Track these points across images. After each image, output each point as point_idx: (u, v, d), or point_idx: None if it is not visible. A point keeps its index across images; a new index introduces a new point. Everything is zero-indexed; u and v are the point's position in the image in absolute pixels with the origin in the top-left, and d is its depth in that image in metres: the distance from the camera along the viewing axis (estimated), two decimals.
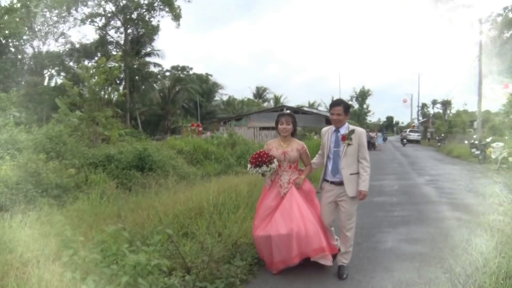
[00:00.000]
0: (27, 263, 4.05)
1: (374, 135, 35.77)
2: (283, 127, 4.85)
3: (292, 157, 4.79)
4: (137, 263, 2.90)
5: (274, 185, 4.87)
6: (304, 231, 4.37)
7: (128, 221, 5.51)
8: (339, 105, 4.62)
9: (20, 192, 7.65)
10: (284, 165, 4.83)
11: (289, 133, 4.89)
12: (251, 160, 4.78)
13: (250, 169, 4.80)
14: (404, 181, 12.94)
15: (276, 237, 4.42)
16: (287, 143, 4.88)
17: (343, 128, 4.60)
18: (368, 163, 4.53)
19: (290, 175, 4.83)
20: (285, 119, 4.88)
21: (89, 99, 14.82)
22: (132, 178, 10.06)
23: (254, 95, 71.49)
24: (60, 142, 10.40)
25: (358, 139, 4.52)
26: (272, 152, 4.83)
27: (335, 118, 4.59)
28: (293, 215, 4.46)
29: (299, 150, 4.84)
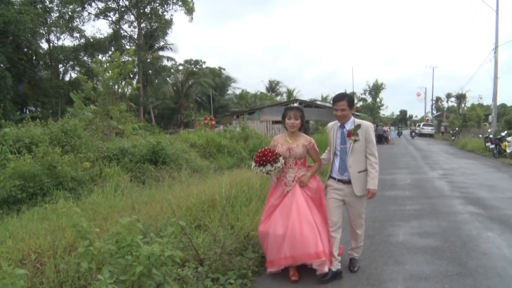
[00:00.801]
0: (43, 254, 4.16)
1: (387, 129, 35.53)
2: (291, 122, 4.51)
3: (297, 153, 4.48)
4: (151, 253, 2.95)
5: (280, 183, 4.61)
6: (299, 233, 4.09)
7: (142, 214, 5.58)
8: (343, 99, 4.27)
9: (37, 185, 7.83)
10: (289, 161, 4.53)
11: (296, 129, 4.56)
12: (256, 159, 4.50)
13: (254, 168, 4.52)
14: (417, 175, 12.85)
15: (272, 235, 4.26)
16: (294, 138, 4.57)
17: (349, 123, 4.29)
18: (376, 159, 4.23)
19: (296, 172, 4.52)
20: (293, 114, 4.53)
21: (103, 93, 14.92)
22: (146, 171, 10.17)
23: (267, 89, 71.40)
24: (75, 136, 10.56)
25: (365, 134, 4.22)
26: (278, 149, 4.55)
27: (339, 114, 4.28)
28: (291, 214, 4.23)
29: (306, 146, 4.51)
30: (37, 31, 31.12)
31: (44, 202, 7.11)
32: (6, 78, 25.95)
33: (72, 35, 37.14)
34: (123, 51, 23.27)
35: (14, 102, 29.19)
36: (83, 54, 39.07)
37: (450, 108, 70.93)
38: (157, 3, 38.25)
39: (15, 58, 29.43)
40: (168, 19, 39.44)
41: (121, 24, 39.75)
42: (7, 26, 25.14)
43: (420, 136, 48.48)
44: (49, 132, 10.41)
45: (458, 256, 4.94)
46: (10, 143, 9.47)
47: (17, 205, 7.32)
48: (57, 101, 35.43)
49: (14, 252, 4.17)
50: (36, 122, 11.66)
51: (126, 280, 2.94)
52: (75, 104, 17.46)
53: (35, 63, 35.77)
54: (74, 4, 34.49)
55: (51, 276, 3.58)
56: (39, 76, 34.86)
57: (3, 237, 4.63)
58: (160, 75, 42.83)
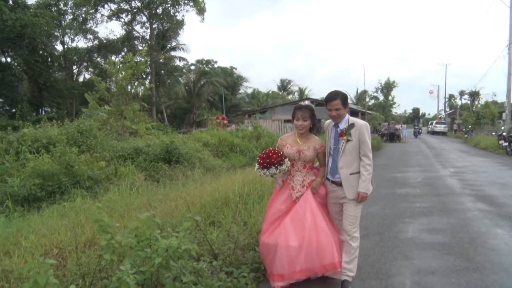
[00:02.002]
0: (64, 249, 4.36)
1: (399, 127, 35.37)
2: (299, 123, 4.15)
3: (308, 156, 4.13)
4: (169, 246, 3.12)
5: (286, 187, 4.23)
6: (316, 244, 3.82)
7: (157, 211, 5.74)
8: (336, 98, 3.96)
9: (55, 184, 8.07)
10: (298, 164, 4.19)
11: (306, 130, 4.19)
12: (259, 161, 4.12)
13: (258, 171, 4.15)
14: (428, 173, 12.86)
15: (283, 247, 3.88)
16: (304, 140, 4.20)
17: (342, 123, 4.01)
18: (370, 160, 3.92)
19: (304, 176, 4.17)
20: (301, 114, 4.15)
21: (117, 93, 15.19)
22: (160, 170, 10.36)
23: (278, 88, 71.46)
24: (91, 136, 10.82)
25: (358, 134, 3.91)
26: (286, 150, 4.19)
27: (334, 115, 3.98)
28: (306, 224, 3.90)
29: (316, 149, 4.16)
30: (52, 33, 31.71)
31: (62, 200, 7.34)
32: (23, 80, 26.47)
33: (85, 37, 37.79)
34: (135, 52, 23.55)
35: (30, 103, 29.74)
36: (97, 55, 39.67)
37: (464, 105, 70.17)
38: (168, 4, 38.58)
39: (31, 60, 30.04)
40: (180, 19, 39.78)
41: (133, 25, 40.18)
42: (24, 29, 25.65)
43: (433, 134, 48.15)
44: (66, 132, 10.68)
45: (466, 252, 5.03)
46: (29, 143, 9.76)
47: (37, 203, 7.56)
48: (72, 101, 36.01)
49: (37, 247, 4.36)
50: (53, 122, 11.97)
51: (145, 271, 3.11)
52: (90, 105, 17.79)
53: (50, 64, 36.40)
54: (88, 6, 35.02)
55: (73, 268, 3.76)
56: (54, 78, 35.44)
57: (27, 233, 4.83)
58: (172, 75, 43.18)
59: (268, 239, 4.03)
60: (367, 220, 6.56)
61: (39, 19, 26.61)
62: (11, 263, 3.82)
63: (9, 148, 9.62)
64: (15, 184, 7.76)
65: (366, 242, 5.42)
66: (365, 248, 5.14)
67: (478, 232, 5.94)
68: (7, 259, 3.95)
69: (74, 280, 3.50)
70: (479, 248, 5.16)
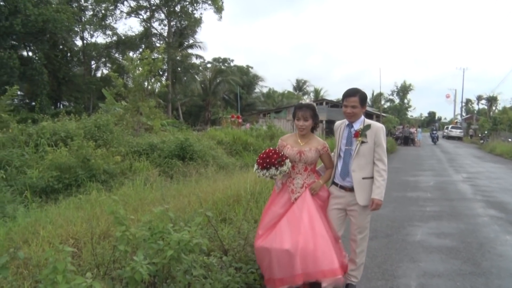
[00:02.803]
0: (80, 240, 4.51)
1: (414, 131, 35.13)
2: (300, 123, 3.92)
3: (309, 158, 3.91)
4: (181, 240, 3.24)
5: (285, 190, 4.01)
6: (312, 247, 3.55)
7: (171, 206, 5.86)
8: (355, 95, 3.76)
9: (72, 176, 8.28)
10: (298, 166, 3.96)
11: (307, 131, 3.97)
12: (258, 161, 3.92)
13: (257, 171, 3.94)
14: (441, 178, 12.84)
15: (278, 251, 3.63)
16: (306, 140, 3.98)
17: (358, 123, 3.81)
18: (385, 166, 3.72)
19: (305, 179, 3.95)
20: (302, 113, 3.90)
21: (133, 89, 15.41)
22: (174, 166, 10.51)
23: (294, 88, 71.29)
24: (107, 130, 11.03)
25: (374, 136, 3.71)
26: (286, 150, 3.97)
27: (349, 112, 3.77)
28: (302, 225, 3.67)
29: (319, 151, 3.94)
30: (72, 29, 32.23)
31: (78, 192, 7.52)
32: (43, 74, 27.00)
33: (104, 33, 38.33)
34: (153, 49, 23.81)
35: (49, 96, 30.29)
36: (115, 51, 40.18)
37: (481, 110, 69.23)
38: (187, 2, 38.83)
39: (51, 55, 30.63)
40: (198, 17, 40.01)
41: (151, 22, 40.55)
42: (46, 25, 26.16)
43: (448, 138, 47.65)
44: (83, 126, 10.91)
45: (473, 257, 5.07)
46: (48, 136, 9.99)
47: (54, 194, 7.76)
48: (89, 96, 36.56)
49: (54, 237, 4.53)
50: (71, 116, 12.24)
51: (158, 263, 3.24)
52: (107, 100, 18.07)
53: (70, 59, 37.01)
54: (107, 3, 35.48)
55: (88, 258, 3.91)
56: (73, 72, 36.01)
57: (44, 223, 5.00)
58: (189, 72, 43.47)
59: (264, 242, 3.80)
60: (377, 222, 6.61)
61: (61, 14, 27.08)
62: (29, 251, 3.98)
63: (28, 141, 9.87)
64: (34, 176, 7.98)
65: (374, 244, 5.48)
66: (372, 249, 5.21)
67: (487, 237, 5.96)
68: (26, 247, 4.12)
69: (89, 269, 3.64)
70: (486, 254, 5.19)
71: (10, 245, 4.15)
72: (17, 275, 3.49)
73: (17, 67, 24.94)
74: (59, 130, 10.36)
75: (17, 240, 4.44)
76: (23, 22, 24.82)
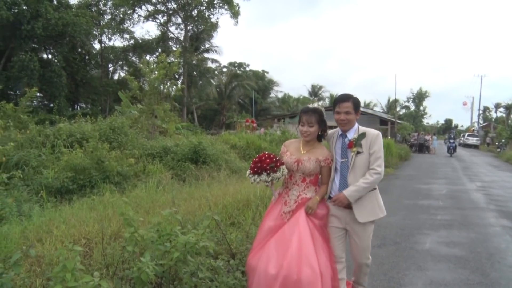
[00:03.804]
0: (91, 240, 4.62)
1: (429, 138, 34.78)
2: (304, 129, 3.55)
3: (307, 168, 3.51)
4: (187, 242, 3.31)
5: (279, 201, 3.68)
6: (295, 277, 3.16)
7: (181, 209, 5.96)
8: (348, 100, 3.44)
9: (86, 177, 8.43)
10: (296, 176, 3.60)
11: (312, 137, 3.58)
12: (251, 165, 3.60)
13: (249, 176, 3.62)
14: (454, 186, 12.72)
15: (261, 272, 3.35)
16: (308, 148, 3.60)
17: (351, 132, 3.47)
18: (379, 168, 3.37)
19: (302, 191, 3.57)
20: (307, 118, 3.53)
21: (149, 93, 15.58)
22: (187, 169, 10.60)
23: (309, 93, 71.18)
24: (122, 133, 11.19)
25: (369, 145, 3.39)
26: (285, 157, 3.63)
27: (342, 118, 3.43)
28: (290, 249, 3.28)
29: (319, 162, 3.53)
30: (91, 32, 32.83)
31: (92, 193, 7.66)
32: (62, 76, 27.53)
33: (122, 36, 38.91)
34: (169, 53, 24.06)
35: (67, 98, 30.83)
36: (132, 55, 40.74)
37: (499, 118, 68.17)
38: (203, 6, 39.19)
39: (70, 58, 31.23)
40: (214, 22, 40.33)
41: (168, 26, 41.01)
42: (65, 28, 26.74)
43: (464, 146, 47.05)
44: (99, 128, 11.09)
45: (482, 267, 5.03)
46: (64, 138, 10.18)
47: (69, 195, 7.90)
48: (106, 98, 37.06)
49: (67, 236, 4.64)
50: (87, 118, 12.46)
51: (164, 265, 3.32)
52: (123, 103, 18.29)
53: (88, 62, 37.64)
54: (126, 7, 36.01)
55: (98, 259, 4.01)
56: (90, 75, 36.61)
57: (58, 223, 5.12)
58: (204, 76, 43.79)
59: (252, 259, 3.53)
60: (386, 229, 6.61)
61: (80, 18, 27.62)
62: (43, 250, 4.09)
63: (45, 141, 10.07)
64: (49, 176, 8.15)
65: (381, 251, 5.49)
66: (380, 256, 5.23)
67: (497, 248, 5.91)
68: (39, 246, 4.23)
69: (98, 269, 3.73)
70: (496, 264, 5.15)
71: (24, 243, 4.28)
72: (30, 272, 3.61)
73: (37, 69, 25.50)
74: (75, 132, 10.55)
75: (32, 239, 4.57)
76: (44, 25, 25.42)
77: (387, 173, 15.40)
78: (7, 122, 10.53)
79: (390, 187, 12.16)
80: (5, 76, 25.28)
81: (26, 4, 24.97)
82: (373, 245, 5.12)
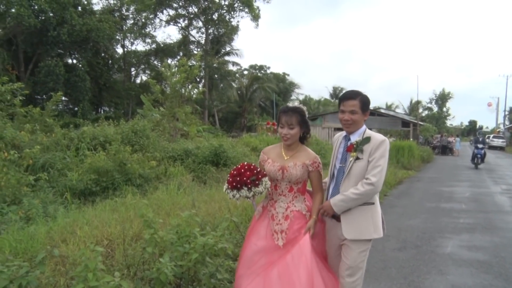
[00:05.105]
0: (113, 241, 4.73)
1: (453, 140, 34.21)
2: (284, 132, 3.06)
3: (293, 176, 3.04)
4: (206, 243, 3.38)
5: (265, 215, 3.18)
6: None
7: (201, 211, 6.03)
8: (354, 98, 2.96)
9: (109, 180, 8.61)
10: (282, 186, 3.11)
11: (293, 141, 3.10)
12: (228, 179, 3.08)
13: (226, 192, 3.08)
14: (477, 189, 12.46)
15: None
16: (292, 153, 3.12)
17: (356, 134, 3.00)
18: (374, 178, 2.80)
19: (290, 203, 3.09)
20: (286, 119, 3.05)
21: (171, 96, 15.81)
22: (207, 172, 10.72)
23: (330, 95, 70.82)
24: (144, 136, 11.39)
25: (370, 151, 2.89)
26: (267, 166, 3.14)
27: (346, 119, 2.96)
28: (298, 285, 2.74)
29: (306, 167, 3.07)
30: (114, 37, 33.40)
31: (114, 195, 7.83)
32: (86, 81, 28.14)
33: (144, 41, 39.39)
34: (190, 56, 24.34)
35: (91, 102, 31.48)
36: (154, 59, 41.24)
37: None
38: (224, 10, 39.45)
39: (93, 62, 31.89)
40: (235, 25, 40.56)
41: (189, 30, 41.41)
42: (89, 34, 27.35)
43: (489, 148, 46.06)
44: (121, 131, 11.32)
45: (505, 272, 4.93)
46: (88, 141, 10.43)
47: (92, 197, 8.10)
48: (129, 102, 37.62)
49: (90, 237, 4.76)
50: (110, 122, 12.73)
51: (183, 266, 3.38)
52: (145, 106, 18.59)
53: (111, 66, 38.33)
54: (148, 12, 36.55)
55: (120, 259, 4.10)
56: (113, 79, 37.25)
57: (81, 224, 5.25)
58: (225, 79, 44.03)
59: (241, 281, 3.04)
60: (406, 232, 6.55)
61: (103, 24, 28.17)
62: (67, 250, 4.21)
63: (70, 144, 10.34)
64: (74, 178, 8.36)
65: (402, 254, 5.44)
66: (400, 260, 5.18)
67: None
68: (64, 246, 4.35)
69: (120, 269, 3.81)
70: None
71: (50, 243, 4.41)
72: (55, 271, 3.71)
73: (62, 74, 26.13)
74: (98, 135, 10.79)
75: (56, 239, 4.70)
76: (69, 31, 26.05)
77: (408, 175, 15.22)
78: (34, 126, 10.84)
79: (411, 190, 12.01)
80: (32, 81, 25.98)
81: (52, 11, 25.63)
82: (393, 248, 5.14)
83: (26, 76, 26.75)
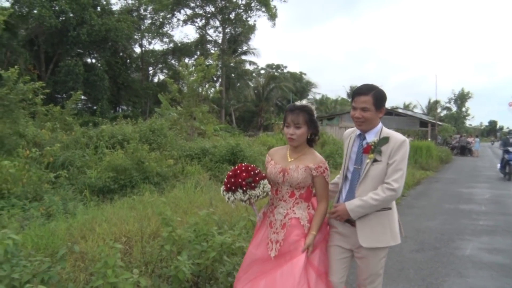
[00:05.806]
0: (131, 238, 4.78)
1: (472, 140, 33.68)
2: (290, 132, 2.81)
3: (294, 179, 2.78)
4: (223, 242, 3.40)
5: (264, 222, 2.97)
6: None
7: (218, 210, 6.05)
8: (367, 93, 2.69)
9: (127, 178, 8.70)
10: (282, 190, 2.86)
11: (300, 142, 2.84)
12: (225, 181, 2.85)
13: (223, 194, 2.86)
14: (498, 190, 12.25)
15: None
16: (297, 155, 2.87)
17: (372, 133, 2.75)
18: (396, 184, 2.59)
19: (289, 209, 2.82)
20: (293, 118, 2.79)
21: (188, 95, 15.92)
22: (224, 171, 10.72)
23: (347, 95, 70.34)
24: (161, 134, 11.49)
25: (390, 153, 2.65)
26: (269, 167, 2.92)
27: (358, 116, 2.71)
28: None
29: (310, 171, 2.79)
30: (132, 37, 33.79)
31: (132, 193, 7.90)
32: (104, 80, 28.53)
33: (162, 40, 39.79)
34: (207, 55, 24.45)
35: (109, 101, 31.89)
36: (171, 58, 41.58)
37: None
38: (241, 9, 39.52)
39: (112, 62, 32.31)
40: (252, 24, 40.61)
41: (206, 29, 41.61)
42: (108, 33, 27.74)
43: None
44: (139, 130, 11.44)
45: None
46: (106, 139, 10.57)
47: (110, 194, 8.19)
48: (146, 101, 37.99)
49: (108, 234, 4.82)
50: (128, 120, 12.88)
51: (201, 264, 3.40)
52: (162, 105, 18.76)
53: (129, 65, 38.76)
54: (165, 12, 36.85)
55: (138, 256, 4.14)
56: (131, 78, 37.66)
57: (100, 221, 5.32)
58: (242, 78, 44.15)
59: None
60: (424, 234, 6.47)
61: (122, 24, 28.54)
62: (86, 247, 4.27)
63: (89, 143, 10.49)
64: (92, 176, 8.47)
65: (420, 256, 5.38)
66: (418, 261, 5.13)
67: None
68: (83, 243, 4.41)
69: (138, 266, 3.86)
70: None
71: (69, 240, 4.48)
72: (74, 267, 3.77)
73: (81, 73, 26.54)
74: (116, 133, 10.92)
75: (76, 236, 4.77)
76: (88, 31, 26.47)
77: (426, 176, 15.03)
78: (54, 124, 11.03)
79: (430, 191, 11.86)
80: (53, 80, 26.44)
81: (72, 12, 26.06)
82: (411, 250, 5.08)
83: (47, 75, 27.25)
